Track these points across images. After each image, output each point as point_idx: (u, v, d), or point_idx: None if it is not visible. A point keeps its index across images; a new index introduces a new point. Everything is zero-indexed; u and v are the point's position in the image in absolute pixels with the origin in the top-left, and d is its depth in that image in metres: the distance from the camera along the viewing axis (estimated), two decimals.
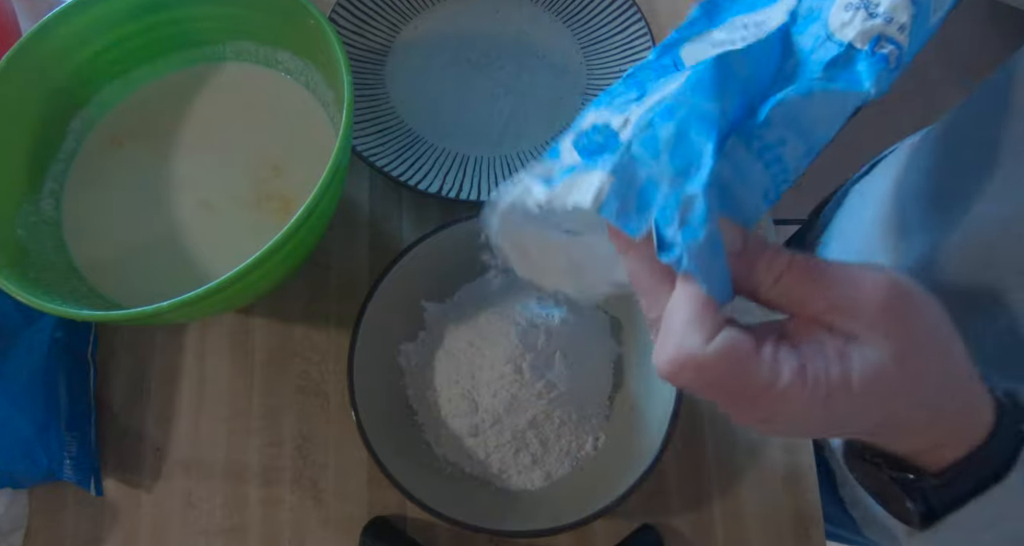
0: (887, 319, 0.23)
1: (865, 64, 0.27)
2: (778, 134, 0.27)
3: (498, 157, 0.54)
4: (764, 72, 0.28)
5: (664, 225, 0.24)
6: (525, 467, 0.44)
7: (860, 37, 0.28)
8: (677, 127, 0.25)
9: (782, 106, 0.26)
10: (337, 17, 0.56)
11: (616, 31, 0.57)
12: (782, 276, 0.24)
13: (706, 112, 0.25)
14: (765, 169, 0.27)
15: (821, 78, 0.27)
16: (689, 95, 0.25)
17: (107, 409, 0.49)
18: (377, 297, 0.44)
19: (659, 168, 0.25)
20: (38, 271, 0.42)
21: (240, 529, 0.46)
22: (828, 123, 0.28)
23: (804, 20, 0.29)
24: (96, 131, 0.50)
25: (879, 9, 0.28)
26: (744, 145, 0.27)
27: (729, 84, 0.26)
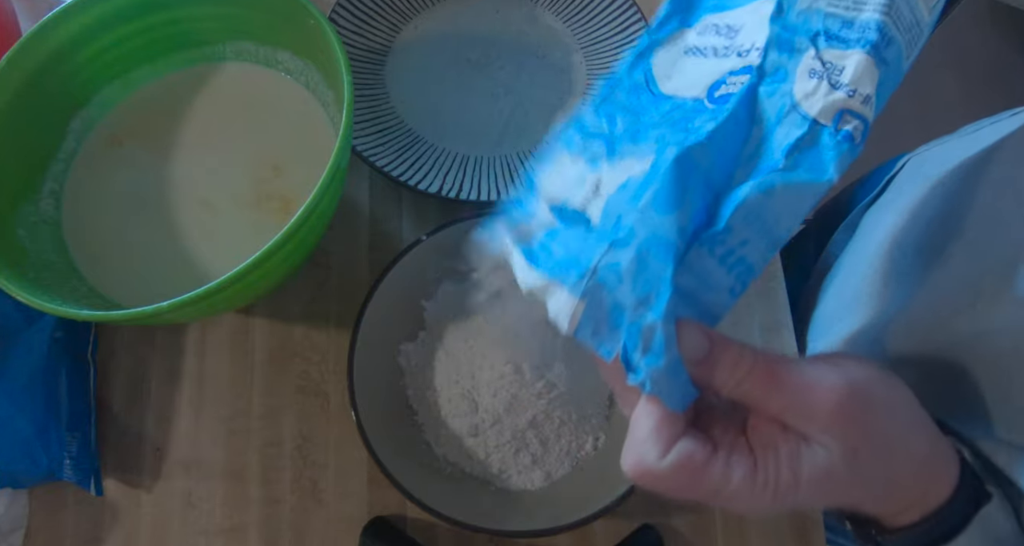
0: (837, 424, 0.25)
1: (830, 143, 0.27)
2: (740, 236, 0.27)
3: (498, 157, 0.54)
4: (728, 152, 0.28)
5: (630, 350, 0.26)
6: (525, 467, 0.44)
7: (823, 113, 0.27)
8: (637, 253, 0.26)
9: (743, 208, 0.26)
10: (337, 17, 0.56)
11: (616, 31, 0.57)
12: (742, 381, 0.26)
13: (664, 236, 0.26)
14: (728, 272, 0.27)
15: (783, 167, 0.26)
16: (649, 211, 0.26)
17: (107, 409, 0.49)
18: (377, 297, 0.44)
19: (623, 293, 0.26)
20: (38, 271, 0.42)
21: (240, 529, 0.46)
22: (791, 217, 0.27)
23: (772, 78, 0.29)
24: (96, 131, 0.50)
25: (843, 79, 0.27)
26: (707, 252, 0.27)
27: (690, 183, 0.26)
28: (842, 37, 0.28)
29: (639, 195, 0.27)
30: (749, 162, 0.28)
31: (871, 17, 0.27)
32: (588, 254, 0.27)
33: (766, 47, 0.29)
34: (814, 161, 0.27)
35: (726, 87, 0.29)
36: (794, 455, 0.26)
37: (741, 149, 0.28)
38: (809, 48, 0.28)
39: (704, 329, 0.26)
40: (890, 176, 0.55)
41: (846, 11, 0.28)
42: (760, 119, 0.28)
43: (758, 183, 0.26)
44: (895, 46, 0.28)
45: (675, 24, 0.34)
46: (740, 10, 0.32)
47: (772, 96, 0.28)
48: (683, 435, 0.26)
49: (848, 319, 0.50)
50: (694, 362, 0.26)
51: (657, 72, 0.33)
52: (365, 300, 0.44)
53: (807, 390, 0.26)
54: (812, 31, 0.28)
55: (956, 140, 0.51)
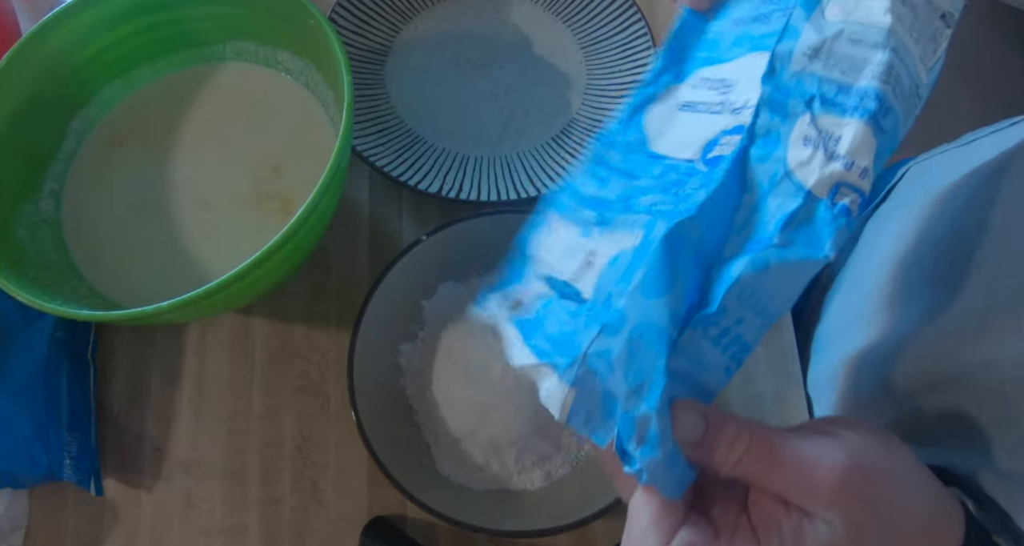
0: (841, 500, 0.25)
1: (826, 218, 0.25)
2: (735, 316, 0.26)
3: (498, 157, 0.54)
4: (719, 223, 0.27)
5: (625, 440, 0.25)
6: (525, 467, 0.44)
7: (819, 185, 0.26)
8: (628, 341, 0.25)
9: (736, 287, 0.26)
10: (337, 17, 0.56)
11: (616, 31, 0.57)
12: (741, 460, 0.26)
13: (655, 322, 0.25)
14: (723, 352, 0.27)
15: (777, 243, 0.25)
16: (639, 296, 0.25)
17: (107, 409, 0.49)
18: (377, 297, 0.44)
19: (614, 382, 0.25)
20: (38, 271, 0.42)
21: (240, 529, 0.46)
22: (786, 293, 0.26)
23: (764, 140, 0.27)
24: (96, 131, 0.50)
25: (839, 149, 0.26)
26: (701, 334, 0.26)
27: (680, 260, 0.26)
28: (838, 103, 0.27)
29: (630, 273, 0.26)
30: (740, 231, 0.27)
31: (869, 85, 0.26)
32: (579, 336, 0.27)
33: (757, 108, 0.28)
34: (809, 236, 0.26)
35: (720, 148, 0.28)
36: (798, 534, 0.25)
37: (732, 217, 0.27)
38: (804, 113, 0.27)
39: (700, 408, 0.26)
40: (891, 185, 0.55)
41: (842, 75, 0.27)
42: (751, 186, 0.27)
43: (752, 260, 0.25)
44: (893, 114, 0.26)
45: (669, 78, 0.33)
46: (732, 64, 0.31)
47: (764, 162, 0.27)
48: (683, 523, 0.26)
49: (850, 337, 0.50)
50: (690, 444, 0.26)
51: (650, 129, 0.32)
52: (365, 300, 0.44)
53: (808, 468, 0.25)
54: (807, 94, 0.27)
55: (957, 149, 0.50)
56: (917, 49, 0.28)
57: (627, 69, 0.56)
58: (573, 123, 0.56)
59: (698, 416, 0.26)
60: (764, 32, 0.30)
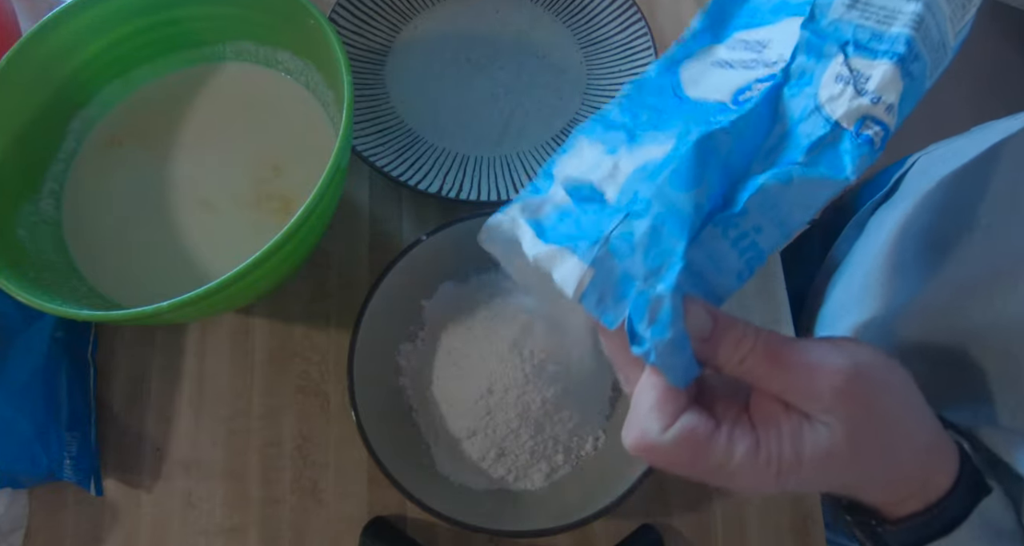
0: (841, 404, 0.25)
1: (849, 146, 0.27)
2: (754, 222, 0.27)
3: (498, 157, 0.54)
4: (749, 143, 0.28)
5: (636, 321, 0.26)
6: (525, 467, 0.44)
7: (846, 117, 0.27)
8: (651, 225, 0.26)
9: (760, 194, 0.27)
10: (337, 17, 0.56)
11: (616, 31, 0.57)
12: (745, 359, 0.26)
13: (680, 209, 0.26)
14: (740, 256, 0.28)
15: (802, 162, 0.27)
16: (667, 187, 0.26)
17: (107, 409, 0.49)
18: (377, 297, 0.44)
19: (634, 264, 0.26)
20: (38, 271, 0.42)
21: (240, 529, 0.46)
22: (805, 209, 0.28)
23: (797, 81, 0.29)
24: (96, 131, 0.50)
25: (868, 86, 0.28)
26: (720, 233, 0.27)
27: (709, 165, 0.27)
28: (871, 48, 0.28)
29: (657, 173, 0.27)
30: (769, 155, 0.28)
31: (901, 31, 0.28)
32: (601, 224, 0.27)
33: (795, 51, 0.29)
34: (833, 160, 0.27)
35: (750, 92, 0.30)
36: (796, 433, 0.26)
37: (762, 142, 0.28)
38: (838, 54, 0.28)
39: (709, 307, 0.26)
40: (899, 175, 0.55)
41: (877, 24, 0.29)
42: (782, 117, 0.29)
43: (777, 172, 0.27)
44: (921, 61, 0.28)
45: (707, 39, 0.34)
46: (770, 27, 0.32)
47: (796, 97, 0.29)
48: (686, 409, 0.26)
49: (856, 311, 0.50)
50: (698, 338, 0.26)
51: (684, 78, 0.33)
52: (365, 300, 0.44)
53: (810, 370, 0.26)
54: (842, 39, 0.29)
55: (966, 140, 0.51)
56: (948, 8, 0.29)
57: (627, 69, 0.56)
58: (573, 123, 0.56)
59: (707, 313, 0.26)
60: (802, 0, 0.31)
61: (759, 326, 0.27)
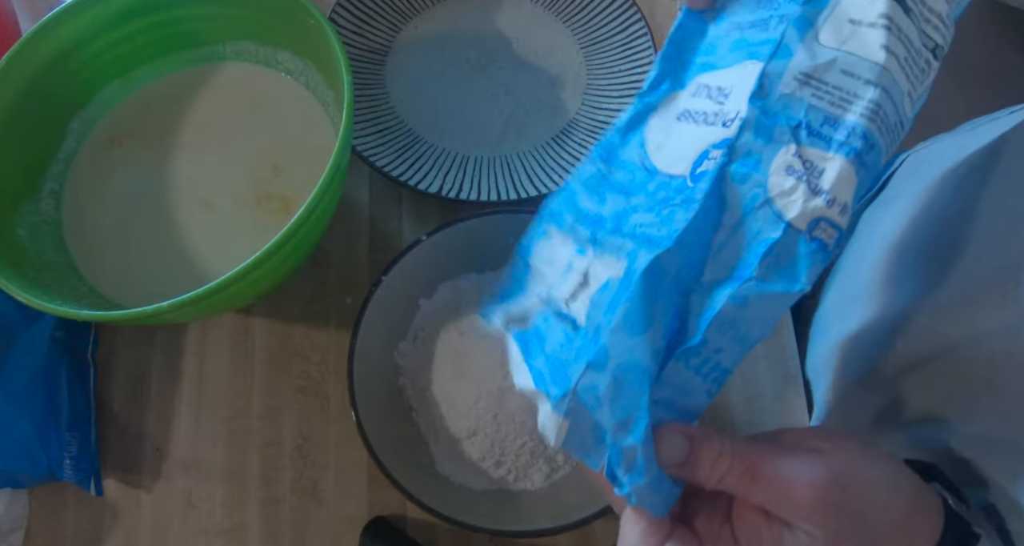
0: (820, 515, 0.27)
1: (804, 253, 0.27)
2: (715, 346, 0.27)
3: (498, 157, 0.54)
4: (698, 248, 0.28)
5: (615, 467, 0.27)
6: (525, 467, 0.44)
7: (799, 218, 0.26)
8: (612, 379, 0.27)
9: (717, 320, 0.27)
10: (337, 17, 0.56)
11: (616, 31, 0.57)
12: (724, 477, 0.27)
13: (637, 360, 0.27)
14: (704, 379, 0.28)
15: (756, 276, 0.27)
16: (621, 334, 0.27)
17: (107, 409, 0.49)
18: (377, 297, 0.44)
19: (602, 417, 0.27)
20: (38, 271, 0.42)
21: (240, 529, 0.46)
22: (763, 324, 0.27)
23: (744, 160, 0.28)
24: (96, 131, 0.50)
25: (822, 184, 0.26)
26: (683, 366, 0.28)
27: (660, 293, 0.27)
28: (824, 135, 0.27)
29: (614, 306, 0.28)
30: (720, 254, 0.28)
31: (857, 122, 0.27)
32: (570, 367, 0.28)
33: (740, 127, 0.28)
34: (787, 269, 0.27)
35: (707, 162, 0.29)
36: (778, 543, 0.27)
37: (711, 238, 0.28)
38: (790, 142, 0.27)
39: (683, 430, 0.28)
40: (888, 174, 0.55)
41: (831, 106, 0.27)
42: (731, 205, 0.28)
43: (732, 295, 0.27)
44: (876, 151, 0.27)
45: (667, 86, 0.34)
46: (729, 71, 0.31)
47: (744, 182, 0.28)
48: (669, 538, 0.28)
49: (848, 319, 0.50)
50: (675, 465, 0.27)
51: (650, 143, 0.33)
52: (365, 300, 0.44)
53: (787, 484, 0.27)
54: (793, 121, 0.27)
55: (953, 138, 0.51)
56: (906, 84, 0.28)
57: (627, 69, 0.56)
58: (573, 123, 0.56)
59: (682, 438, 0.27)
60: (761, 39, 0.30)
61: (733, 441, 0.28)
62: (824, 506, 0.27)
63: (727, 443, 0.27)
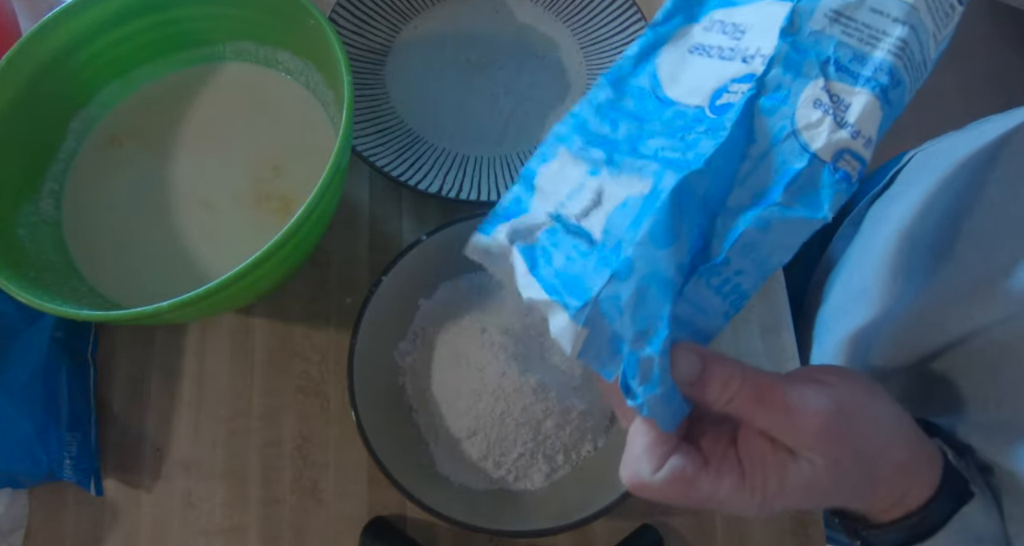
0: (823, 443, 0.27)
1: (827, 182, 0.27)
2: (736, 267, 0.28)
3: (498, 157, 0.54)
4: (725, 173, 0.28)
5: (629, 377, 0.27)
6: (525, 467, 0.44)
7: (825, 149, 0.27)
8: (636, 289, 0.27)
9: (740, 241, 0.27)
10: (337, 17, 0.56)
11: (616, 31, 0.57)
12: (733, 399, 0.28)
13: (662, 272, 0.27)
14: (723, 299, 0.28)
15: (780, 202, 0.27)
16: (647, 245, 0.27)
17: (107, 409, 0.49)
18: (377, 297, 0.44)
19: (622, 326, 0.27)
20: (38, 271, 0.42)
21: (240, 529, 0.46)
22: (785, 249, 0.28)
23: (773, 94, 0.28)
24: (96, 131, 0.50)
25: (848, 118, 0.27)
26: (704, 284, 0.28)
27: (687, 212, 0.27)
28: (852, 71, 0.28)
29: (638, 221, 0.28)
30: (745, 182, 0.28)
31: (884, 58, 0.27)
32: (589, 278, 0.28)
33: (770, 61, 0.29)
34: (811, 197, 0.27)
35: (728, 95, 0.29)
36: (781, 467, 0.28)
37: (738, 167, 0.28)
38: (818, 76, 0.28)
39: (697, 350, 0.28)
40: (896, 169, 0.55)
41: (860, 43, 0.28)
42: (758, 137, 0.28)
43: (756, 217, 0.27)
44: (902, 87, 0.28)
45: (680, 20, 0.34)
46: (748, 7, 0.31)
47: (772, 115, 0.28)
48: (675, 451, 0.28)
49: (853, 315, 0.50)
50: (687, 383, 0.28)
51: (662, 73, 0.33)
52: (365, 300, 0.44)
53: (794, 411, 0.27)
54: (823, 56, 0.28)
55: (961, 136, 0.51)
56: (932, 24, 0.29)
57: None
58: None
59: (696, 357, 0.28)
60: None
61: (744, 365, 0.28)
62: (828, 435, 0.27)
63: (738, 367, 0.28)
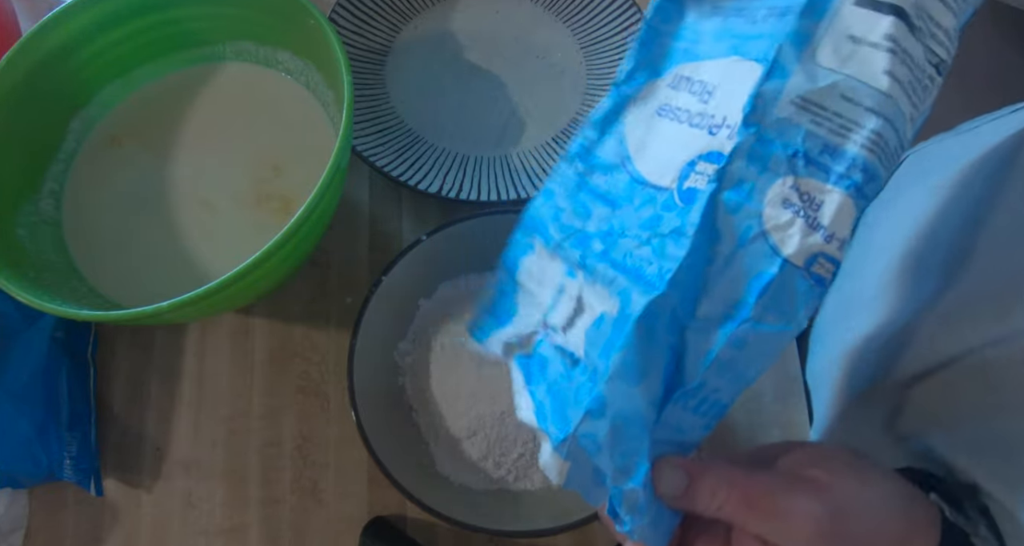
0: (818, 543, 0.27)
1: (801, 289, 0.26)
2: (712, 386, 0.27)
3: (498, 157, 0.54)
4: (692, 284, 0.27)
5: (617, 507, 0.28)
6: (525, 467, 0.44)
7: (797, 255, 0.25)
8: (611, 427, 0.27)
9: (715, 364, 0.27)
10: (337, 17, 0.56)
11: (616, 31, 0.57)
12: (723, 506, 0.28)
13: (635, 410, 0.27)
14: (703, 417, 0.28)
15: (753, 317, 0.26)
16: (619, 383, 0.27)
17: (107, 409, 0.49)
18: (377, 297, 0.44)
19: (602, 462, 0.27)
20: (38, 271, 0.42)
21: (240, 529, 0.46)
22: (763, 359, 0.27)
23: (736, 189, 0.26)
24: (96, 131, 0.50)
25: (821, 219, 0.25)
26: (681, 408, 0.28)
27: (655, 334, 0.27)
28: (823, 165, 0.26)
29: (608, 349, 0.27)
30: (714, 290, 0.27)
31: (858, 154, 0.25)
32: (570, 407, 0.29)
33: (732, 153, 0.26)
34: (784, 308, 0.26)
35: (695, 177, 0.28)
36: None
37: (704, 271, 0.27)
38: (786, 173, 0.26)
39: (682, 464, 0.28)
40: None
41: (830, 135, 0.26)
42: (723, 236, 0.27)
43: (729, 336, 0.26)
44: (876, 181, 0.26)
45: (643, 76, 0.33)
46: (713, 63, 0.30)
47: (736, 212, 0.26)
48: None
49: (848, 327, 0.50)
50: (674, 498, 0.28)
51: (631, 140, 0.32)
52: (365, 300, 0.44)
53: (786, 517, 0.27)
54: (790, 149, 0.26)
55: (955, 137, 0.50)
56: (909, 107, 0.27)
57: None
58: (573, 123, 0.56)
59: (681, 472, 0.28)
60: (747, 33, 0.29)
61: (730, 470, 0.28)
62: (821, 538, 0.27)
63: (724, 473, 0.28)
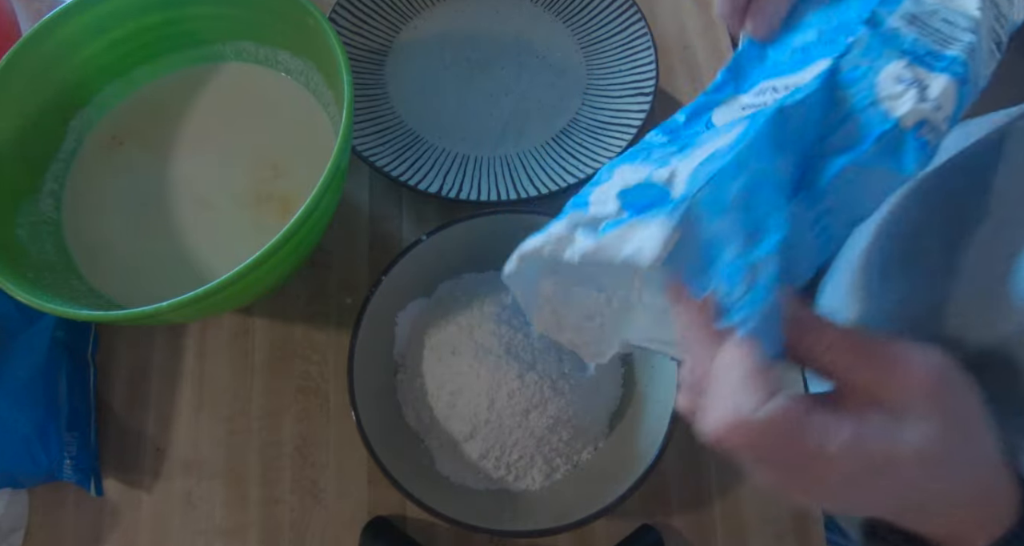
0: (934, 401, 0.23)
1: (911, 147, 0.27)
2: (831, 202, 0.27)
3: (498, 157, 0.54)
4: (812, 123, 0.28)
5: (730, 287, 0.24)
6: (525, 467, 0.44)
7: (908, 117, 0.27)
8: (746, 185, 0.25)
9: (841, 176, 0.27)
10: (337, 17, 0.56)
11: (616, 31, 0.57)
12: (832, 347, 0.24)
13: (774, 173, 0.25)
14: (815, 239, 0.28)
15: (874, 151, 0.27)
16: (752, 153, 0.25)
17: (107, 409, 0.49)
18: (377, 297, 0.44)
19: (725, 227, 0.24)
20: (38, 271, 0.42)
21: (240, 529, 0.46)
22: (872, 199, 0.28)
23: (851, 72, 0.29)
24: (96, 131, 0.50)
25: (930, 93, 0.28)
26: (804, 207, 0.27)
27: (787, 139, 0.27)
28: (928, 63, 0.28)
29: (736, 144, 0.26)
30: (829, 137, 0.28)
31: (959, 55, 0.28)
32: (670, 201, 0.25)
33: (850, 45, 0.29)
34: (896, 155, 0.27)
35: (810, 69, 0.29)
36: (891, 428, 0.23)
37: (822, 124, 0.28)
38: (899, 58, 0.28)
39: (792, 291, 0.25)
40: None
41: (935, 44, 0.29)
42: (839, 104, 0.28)
43: (856, 157, 0.27)
44: (968, 86, 0.29)
45: (730, 90, 0.34)
46: (796, 75, 0.31)
47: (851, 87, 0.28)
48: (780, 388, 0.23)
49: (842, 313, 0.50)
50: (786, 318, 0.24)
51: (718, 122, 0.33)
52: (365, 300, 0.44)
53: (900, 363, 0.23)
54: (901, 47, 0.29)
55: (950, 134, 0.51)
56: (985, 53, 0.30)
57: (627, 69, 0.56)
58: (573, 123, 0.56)
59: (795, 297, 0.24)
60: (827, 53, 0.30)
61: None
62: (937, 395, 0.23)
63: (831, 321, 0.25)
